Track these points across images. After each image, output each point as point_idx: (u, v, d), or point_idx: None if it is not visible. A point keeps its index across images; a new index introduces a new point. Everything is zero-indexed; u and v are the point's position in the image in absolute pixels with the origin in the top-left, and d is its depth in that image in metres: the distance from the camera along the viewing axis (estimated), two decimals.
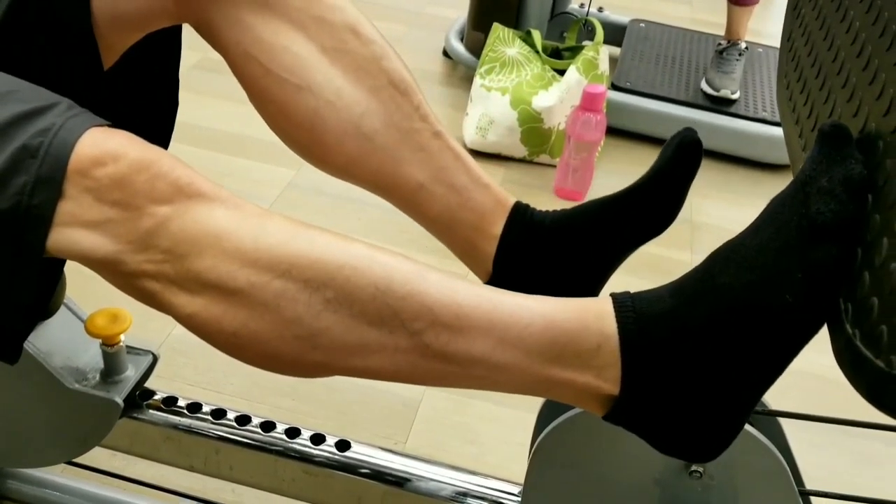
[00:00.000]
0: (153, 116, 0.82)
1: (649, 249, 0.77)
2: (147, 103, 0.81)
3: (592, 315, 0.59)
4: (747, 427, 0.70)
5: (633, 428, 0.61)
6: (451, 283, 0.59)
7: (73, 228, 0.55)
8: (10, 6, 0.66)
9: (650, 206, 0.74)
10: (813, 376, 1.49)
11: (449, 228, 0.79)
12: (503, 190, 0.79)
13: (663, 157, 0.72)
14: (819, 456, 1.32)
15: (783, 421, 0.78)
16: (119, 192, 0.55)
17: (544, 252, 0.76)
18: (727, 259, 0.58)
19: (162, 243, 0.56)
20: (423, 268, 0.59)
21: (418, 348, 0.58)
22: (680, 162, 0.71)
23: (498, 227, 0.77)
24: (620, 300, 0.60)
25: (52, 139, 0.54)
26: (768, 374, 0.58)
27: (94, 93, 0.71)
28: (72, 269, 0.82)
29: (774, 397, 0.75)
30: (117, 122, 0.60)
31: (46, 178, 0.54)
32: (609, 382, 0.59)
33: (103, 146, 0.55)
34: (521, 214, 0.77)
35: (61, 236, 0.55)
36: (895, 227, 0.49)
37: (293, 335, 0.57)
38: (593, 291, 0.77)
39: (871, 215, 0.53)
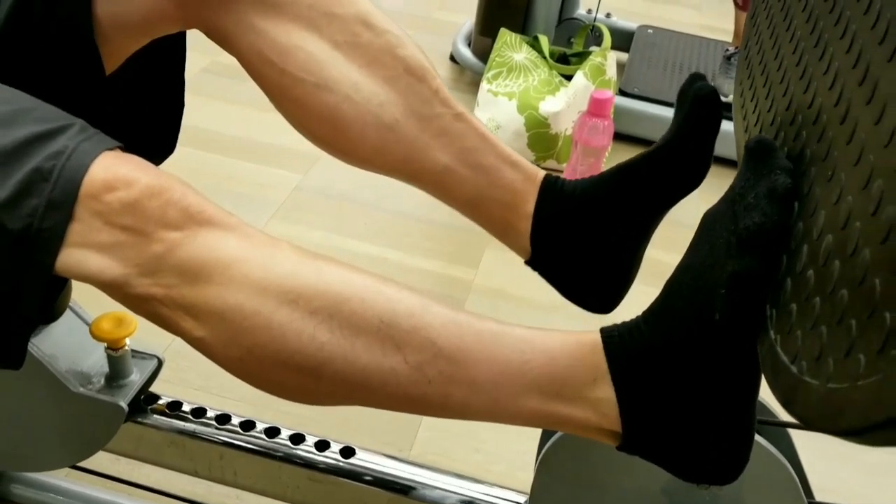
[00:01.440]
0: (158, 120, 0.82)
1: (658, 257, 0.77)
2: (152, 108, 0.81)
3: (587, 350, 0.60)
4: (756, 437, 0.70)
5: (649, 457, 0.61)
6: (454, 317, 0.60)
7: (83, 250, 0.55)
8: (11, 12, 0.66)
9: (679, 165, 0.73)
10: None
11: (481, 209, 0.78)
12: (533, 166, 0.78)
13: (682, 113, 0.71)
14: (828, 467, 1.31)
15: (792, 431, 0.77)
16: (130, 217, 0.55)
17: (579, 222, 0.76)
18: (678, 283, 0.59)
19: (171, 268, 0.56)
20: (427, 301, 0.60)
21: (421, 381, 0.59)
22: (699, 116, 0.71)
23: (530, 204, 0.77)
24: (608, 334, 0.61)
25: (64, 163, 0.55)
26: (740, 385, 0.58)
27: (96, 98, 0.71)
28: None
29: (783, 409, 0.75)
30: (121, 127, 0.60)
31: (58, 202, 0.54)
32: (608, 417, 0.60)
33: (116, 171, 0.56)
34: (552, 188, 0.77)
35: (70, 258, 0.55)
36: (814, 234, 0.50)
37: (298, 365, 0.58)
38: (633, 257, 0.77)
39: (795, 223, 0.54)
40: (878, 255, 0.41)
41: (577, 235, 0.76)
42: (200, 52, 0.79)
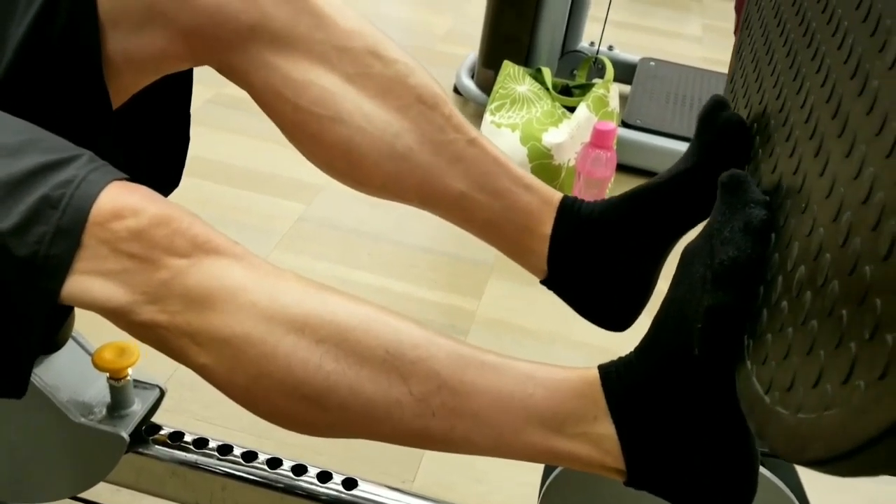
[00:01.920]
0: (164, 154, 0.82)
1: (662, 287, 0.76)
2: (157, 141, 0.81)
3: (587, 385, 0.60)
4: (763, 470, 0.69)
5: (656, 492, 0.61)
6: (458, 350, 0.60)
7: (89, 277, 0.55)
8: (20, 46, 0.67)
9: (702, 191, 0.72)
10: None
11: (497, 233, 0.79)
12: (548, 188, 0.78)
13: (705, 141, 0.71)
14: (833, 498, 1.30)
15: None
16: (137, 245, 0.55)
17: (597, 244, 0.76)
18: (665, 318, 0.60)
19: (177, 295, 0.56)
20: (432, 333, 0.60)
21: (425, 413, 0.59)
22: (727, 148, 0.70)
23: (547, 226, 0.77)
24: (605, 370, 0.61)
25: (73, 191, 0.55)
26: (731, 418, 0.58)
27: (101, 132, 0.71)
28: None
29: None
30: (126, 160, 0.60)
31: (66, 230, 0.54)
32: (611, 454, 0.60)
33: (124, 200, 0.56)
34: (569, 210, 0.77)
35: (77, 285, 0.55)
36: (788, 265, 0.50)
37: (303, 394, 0.58)
38: (650, 278, 0.77)
39: (772, 254, 0.54)
40: (846, 286, 0.41)
41: (595, 256, 0.76)
42: (205, 84, 0.80)
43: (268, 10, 0.71)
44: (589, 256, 0.76)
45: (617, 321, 0.79)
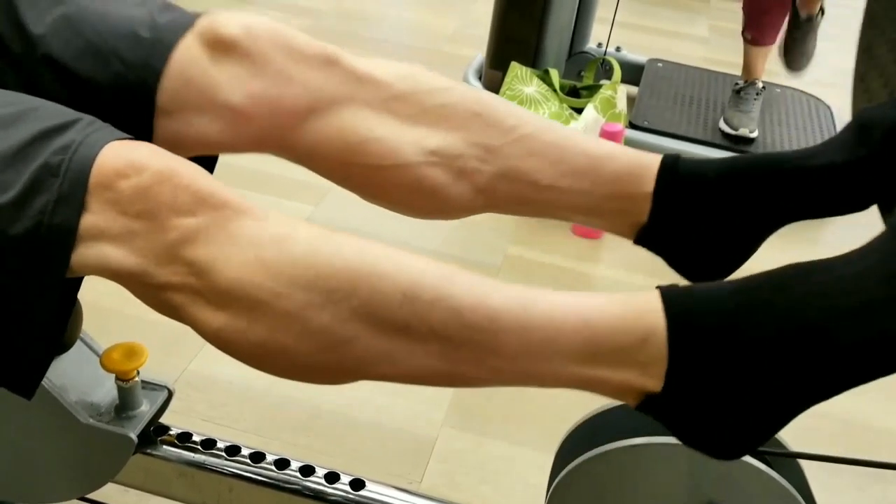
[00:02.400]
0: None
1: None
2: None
3: (635, 310, 0.58)
4: (767, 469, 0.69)
5: (661, 419, 0.60)
6: (480, 285, 0.58)
7: (97, 243, 0.55)
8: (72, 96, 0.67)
9: (849, 184, 0.69)
10: (836, 418, 1.47)
11: (594, 210, 0.76)
12: (633, 150, 0.76)
13: (877, 145, 0.67)
14: (840, 500, 1.30)
15: (804, 463, 0.76)
16: (142, 204, 0.55)
17: (708, 207, 0.72)
18: (808, 277, 0.56)
19: (186, 256, 0.55)
20: (451, 271, 0.59)
21: (448, 354, 0.57)
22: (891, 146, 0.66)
23: (645, 186, 0.74)
24: (669, 294, 0.58)
25: (72, 155, 0.55)
26: (820, 395, 0.56)
27: None
28: (88, 304, 0.82)
29: (795, 439, 0.74)
30: None
31: (68, 195, 0.54)
32: (654, 378, 0.57)
33: (125, 157, 0.56)
34: (671, 168, 0.74)
35: (85, 251, 0.55)
36: None
37: (320, 345, 0.56)
38: (754, 246, 0.74)
39: None
40: None
41: (706, 217, 0.73)
42: None
43: (318, 85, 0.71)
44: (699, 216, 0.73)
45: (705, 277, 0.75)
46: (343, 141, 0.73)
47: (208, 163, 0.83)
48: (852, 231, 0.66)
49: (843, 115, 2.41)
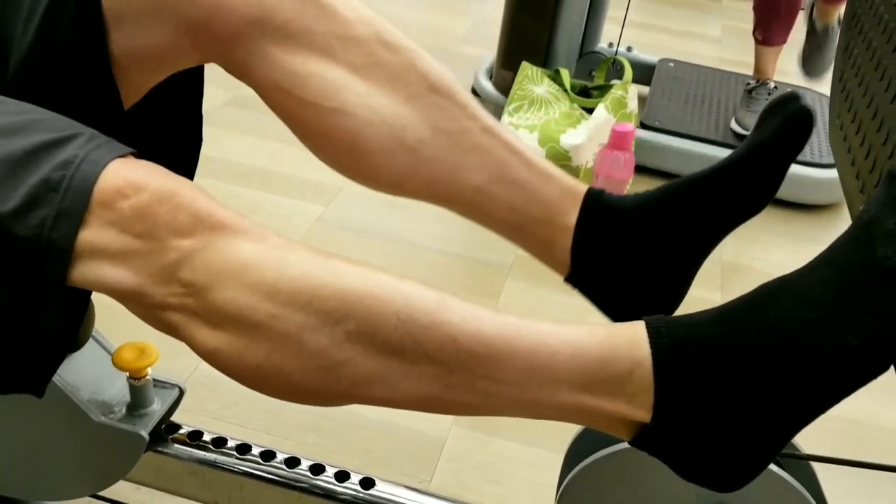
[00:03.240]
0: (176, 153, 0.82)
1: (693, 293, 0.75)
2: (170, 140, 0.81)
3: (623, 340, 0.58)
4: (779, 471, 0.69)
5: (657, 454, 0.60)
6: (474, 312, 0.58)
7: (96, 260, 0.55)
8: (29, 48, 0.67)
9: (748, 184, 0.69)
10: (848, 420, 1.46)
11: (518, 227, 0.75)
12: (570, 178, 0.75)
13: (767, 129, 0.68)
14: (853, 502, 1.29)
15: (816, 466, 0.76)
16: (141, 224, 0.55)
17: (628, 240, 0.72)
18: (779, 293, 0.56)
19: (184, 276, 0.56)
20: (446, 296, 0.59)
21: (442, 378, 0.57)
22: (787, 137, 0.67)
23: (569, 217, 0.73)
24: (654, 325, 0.58)
25: (74, 172, 0.55)
26: (809, 413, 0.56)
27: (115, 131, 0.72)
28: (100, 304, 0.82)
29: (807, 441, 0.74)
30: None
31: (68, 212, 0.54)
32: (641, 409, 0.58)
33: (125, 177, 0.56)
34: (596, 201, 0.73)
35: (83, 268, 0.55)
36: None
37: (316, 367, 0.57)
38: (684, 283, 0.74)
39: None
40: None
41: (625, 255, 0.73)
42: (223, 86, 0.80)
43: (270, 3, 0.70)
44: (617, 254, 0.73)
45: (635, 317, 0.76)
46: (288, 70, 0.71)
47: (191, 156, 0.83)
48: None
49: None
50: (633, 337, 0.58)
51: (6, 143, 0.55)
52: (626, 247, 0.73)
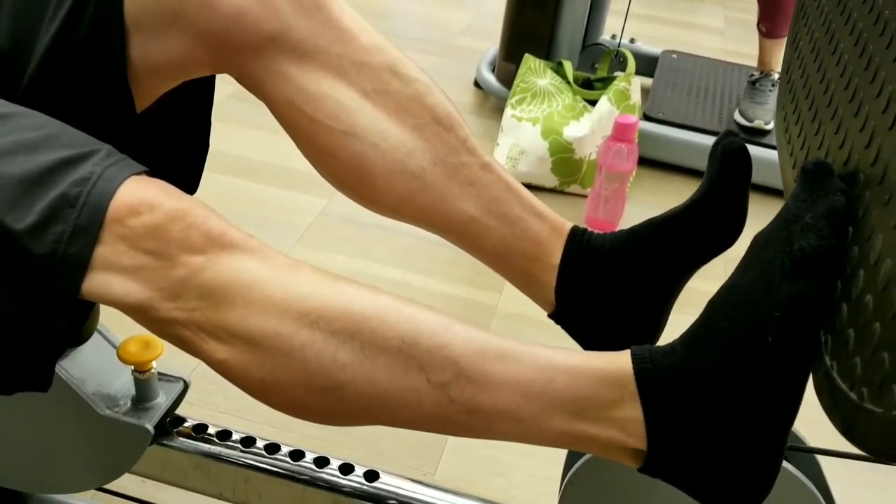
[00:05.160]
0: (184, 159, 0.83)
1: (690, 284, 0.76)
2: (178, 146, 0.82)
3: (614, 369, 0.60)
4: (785, 464, 0.69)
5: (671, 480, 0.61)
6: (476, 337, 0.60)
7: (108, 274, 0.56)
8: (48, 52, 0.67)
9: (712, 220, 0.72)
10: None
11: (505, 260, 0.78)
12: (559, 217, 0.78)
13: (712, 168, 0.71)
14: (859, 496, 1.29)
15: (822, 459, 0.76)
16: (153, 241, 0.56)
17: (606, 278, 0.75)
18: (723, 303, 0.59)
19: (193, 292, 0.57)
20: (449, 320, 0.60)
21: (443, 401, 0.59)
22: (730, 171, 0.70)
23: (556, 256, 0.76)
24: (638, 354, 0.60)
25: (90, 189, 0.56)
26: (781, 411, 0.57)
27: (126, 135, 0.72)
28: None
29: (813, 434, 0.74)
30: (146, 163, 0.61)
31: (84, 228, 0.55)
32: (634, 437, 0.59)
33: (140, 195, 0.57)
34: (578, 241, 0.76)
35: (95, 282, 0.56)
36: (871, 259, 0.49)
37: (319, 385, 0.58)
38: (661, 314, 0.76)
39: (850, 247, 0.53)
40: None
41: (604, 290, 0.75)
42: (228, 80, 0.80)
43: (289, 21, 0.71)
44: (598, 289, 0.75)
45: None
46: (300, 87, 0.72)
47: (193, 175, 0.83)
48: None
49: None
50: (621, 366, 0.60)
51: (24, 160, 0.56)
52: (603, 284, 0.75)
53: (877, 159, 0.53)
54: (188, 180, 0.83)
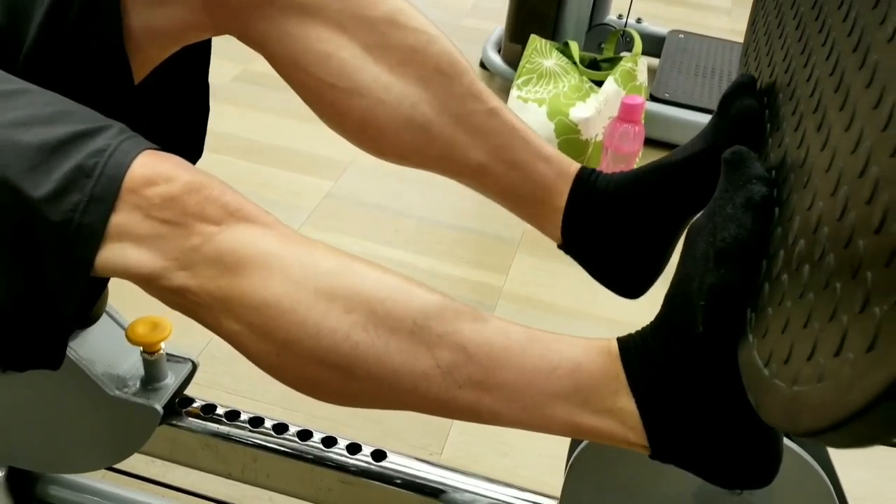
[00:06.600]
0: (185, 125, 0.83)
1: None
2: (178, 113, 0.82)
3: (609, 358, 0.60)
4: (789, 444, 0.69)
5: (681, 464, 0.61)
6: (484, 323, 0.60)
7: (122, 244, 0.56)
8: (43, 24, 0.67)
9: (715, 173, 0.72)
10: None
11: (515, 203, 0.80)
12: (567, 159, 0.79)
13: (722, 123, 0.70)
14: (864, 475, 1.30)
15: None
16: (169, 211, 0.56)
17: (611, 218, 0.76)
18: (674, 294, 0.60)
19: (208, 260, 0.57)
20: (458, 305, 0.60)
21: (451, 385, 0.59)
22: (738, 132, 0.69)
23: (562, 198, 0.77)
24: (623, 344, 0.61)
25: (107, 160, 0.56)
26: (740, 392, 0.57)
27: (125, 106, 0.72)
28: (113, 279, 0.83)
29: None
30: (150, 132, 0.61)
31: (100, 197, 0.55)
32: (633, 429, 0.60)
33: (156, 168, 0.57)
34: (584, 182, 0.77)
35: (110, 252, 0.56)
36: (789, 239, 0.50)
37: (331, 363, 0.58)
38: (664, 251, 0.77)
39: (775, 228, 0.54)
40: (841, 259, 0.42)
41: (609, 230, 0.76)
42: (233, 61, 0.81)
43: None
44: (602, 229, 0.76)
45: (629, 290, 0.80)
46: (304, 46, 0.73)
47: (196, 142, 0.84)
48: None
49: None
50: (614, 356, 0.60)
51: (42, 131, 0.56)
52: (607, 225, 0.76)
53: (801, 143, 0.55)
54: (192, 147, 0.84)
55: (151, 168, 0.57)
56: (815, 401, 0.40)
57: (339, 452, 0.92)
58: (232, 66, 2.18)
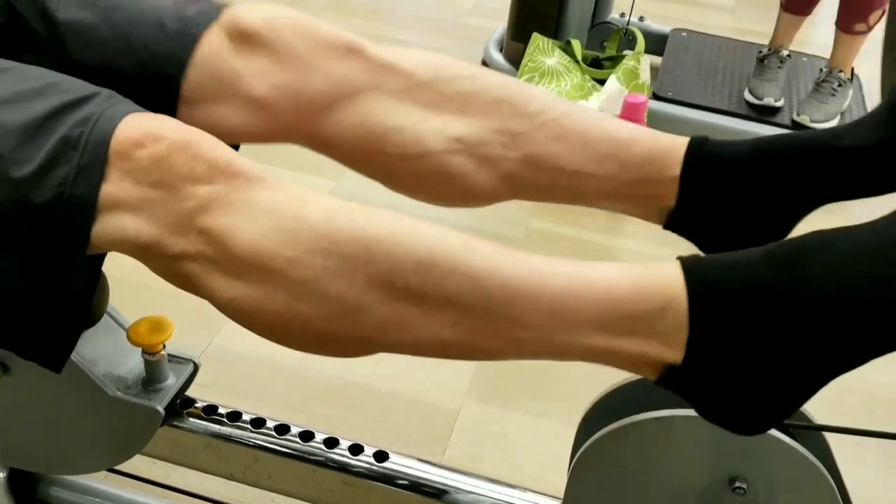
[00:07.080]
0: None
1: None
2: None
3: (656, 279, 0.57)
4: (792, 443, 0.69)
5: (682, 393, 0.59)
6: (497, 254, 0.58)
7: (116, 214, 0.55)
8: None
9: (881, 169, 0.67)
10: (862, 391, 1.46)
11: (620, 196, 0.75)
12: (655, 133, 0.74)
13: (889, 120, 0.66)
14: (866, 473, 1.29)
15: (829, 436, 0.76)
16: (158, 173, 0.55)
17: (740, 187, 0.71)
18: (826, 249, 0.55)
19: (202, 224, 0.56)
20: (468, 239, 0.58)
21: (465, 323, 0.57)
22: None
23: (674, 169, 0.72)
24: (689, 264, 0.57)
25: (91, 128, 0.55)
26: (849, 363, 0.55)
27: None
28: (114, 279, 0.83)
29: (821, 412, 0.74)
30: None
31: (88, 167, 0.54)
32: (673, 349, 0.57)
33: (143, 128, 0.56)
34: (699, 148, 0.72)
35: (104, 224, 0.55)
36: None
37: (336, 313, 0.56)
38: (787, 230, 0.72)
39: None
40: None
41: (733, 203, 0.71)
42: None
43: (340, 79, 0.72)
44: (725, 198, 0.71)
45: None
46: (366, 131, 0.73)
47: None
48: (882, 204, 0.66)
49: (871, 85, 2.37)
50: (666, 275, 0.57)
51: (25, 107, 0.56)
52: (734, 195, 0.71)
53: None
54: None
55: (137, 129, 0.56)
56: None
57: (341, 453, 0.91)
58: None
